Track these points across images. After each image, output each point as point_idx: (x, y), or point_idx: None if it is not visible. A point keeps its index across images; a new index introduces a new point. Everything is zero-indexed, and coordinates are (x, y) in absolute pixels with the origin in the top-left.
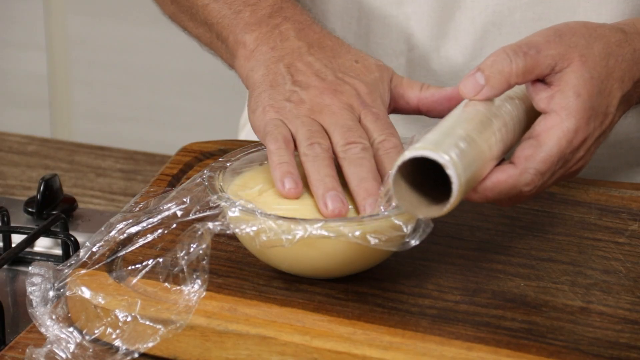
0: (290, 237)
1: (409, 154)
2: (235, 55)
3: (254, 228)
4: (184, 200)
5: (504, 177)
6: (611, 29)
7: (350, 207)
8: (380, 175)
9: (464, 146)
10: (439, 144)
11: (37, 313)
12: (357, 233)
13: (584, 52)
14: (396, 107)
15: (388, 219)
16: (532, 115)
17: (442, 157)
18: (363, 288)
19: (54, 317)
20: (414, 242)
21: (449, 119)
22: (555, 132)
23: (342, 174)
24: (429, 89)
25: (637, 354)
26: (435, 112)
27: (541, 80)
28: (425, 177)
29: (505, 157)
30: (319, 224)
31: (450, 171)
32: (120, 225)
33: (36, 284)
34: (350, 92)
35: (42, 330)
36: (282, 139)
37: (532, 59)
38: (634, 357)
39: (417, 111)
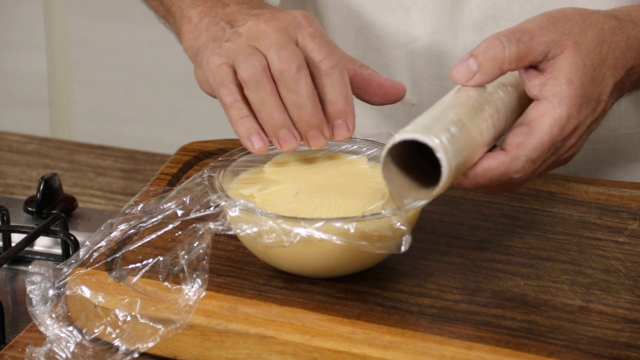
0: (291, 236)
1: (398, 137)
2: (181, 31)
3: (255, 229)
4: (184, 199)
5: (495, 164)
6: (605, 15)
7: (350, 207)
8: (321, 100)
9: (455, 131)
10: (429, 127)
11: (37, 312)
12: (354, 231)
13: (578, 39)
14: None
15: (389, 219)
16: (524, 102)
17: (432, 141)
18: (363, 287)
19: (53, 316)
20: (403, 249)
21: (440, 104)
22: (547, 119)
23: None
24: (367, 69)
25: (637, 353)
26: (364, 93)
27: (534, 66)
28: (416, 161)
29: (497, 144)
30: (320, 224)
31: (440, 154)
32: (122, 226)
33: (36, 282)
34: (285, 17)
35: (42, 329)
36: (236, 89)
37: (525, 45)
38: (633, 356)
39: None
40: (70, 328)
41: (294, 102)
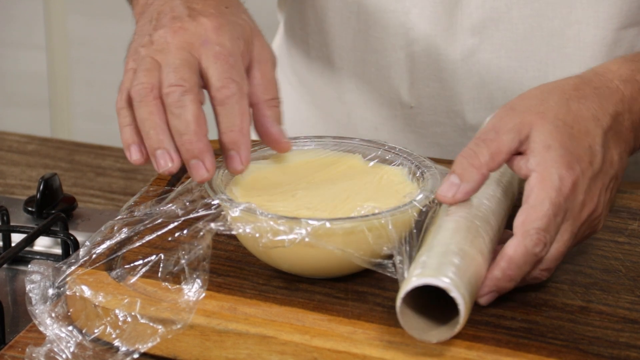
0: (291, 237)
1: (409, 285)
2: (133, 13)
3: (256, 230)
4: (184, 199)
5: (512, 250)
6: (565, 79)
7: (351, 207)
8: (217, 126)
9: (459, 262)
10: (437, 268)
11: (37, 311)
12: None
13: (540, 110)
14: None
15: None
16: (514, 188)
17: (443, 282)
18: (363, 287)
19: (53, 315)
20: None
21: (436, 236)
22: (539, 188)
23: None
24: (270, 109)
25: (637, 353)
26: (257, 127)
27: (518, 153)
28: (428, 298)
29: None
30: (320, 224)
31: (454, 293)
32: (124, 230)
33: (35, 281)
34: (194, 30)
35: (42, 329)
36: (126, 97)
37: (494, 142)
38: (633, 356)
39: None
40: (70, 328)
41: (175, 127)
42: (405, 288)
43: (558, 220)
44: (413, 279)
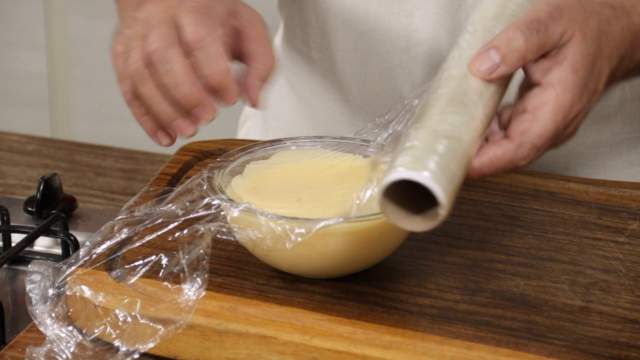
0: (291, 237)
1: (388, 179)
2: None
3: (255, 231)
4: (184, 199)
5: (501, 152)
6: (601, 4)
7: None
8: (198, 75)
9: (444, 148)
10: (417, 158)
11: (37, 311)
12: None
13: (583, 27)
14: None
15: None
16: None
17: (421, 175)
18: (363, 287)
19: (53, 315)
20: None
21: (428, 109)
22: (551, 106)
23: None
24: (260, 64)
25: (637, 353)
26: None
27: None
28: (413, 185)
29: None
30: (320, 224)
31: (434, 186)
32: (124, 230)
33: (35, 281)
34: None
35: (42, 329)
36: (130, 86)
37: (544, 35)
38: (633, 356)
39: (240, 57)
40: (70, 328)
41: (170, 84)
42: (384, 183)
43: (549, 143)
44: (392, 173)
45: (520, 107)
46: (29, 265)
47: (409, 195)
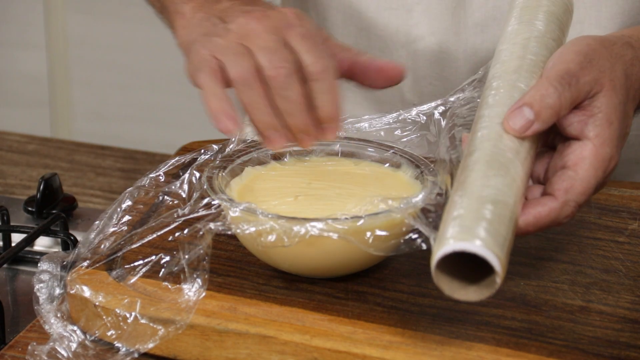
0: (291, 236)
1: (440, 252)
2: (174, 26)
3: (255, 228)
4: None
5: (546, 212)
6: (623, 46)
7: (353, 207)
8: (313, 101)
9: (490, 214)
10: (468, 228)
11: (43, 310)
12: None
13: (612, 77)
14: None
15: (390, 215)
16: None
17: (473, 245)
18: (363, 287)
19: (58, 314)
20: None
21: (469, 175)
22: (591, 161)
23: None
24: (364, 55)
25: (637, 353)
26: (365, 79)
27: None
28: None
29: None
30: (321, 224)
31: (487, 255)
32: (123, 226)
33: (44, 280)
34: (276, 16)
35: (46, 327)
36: (210, 71)
37: (575, 88)
38: (633, 356)
39: (348, 74)
40: (74, 327)
41: (283, 108)
42: (436, 257)
43: (590, 196)
44: (450, 241)
45: (559, 162)
46: (39, 264)
47: (460, 264)
